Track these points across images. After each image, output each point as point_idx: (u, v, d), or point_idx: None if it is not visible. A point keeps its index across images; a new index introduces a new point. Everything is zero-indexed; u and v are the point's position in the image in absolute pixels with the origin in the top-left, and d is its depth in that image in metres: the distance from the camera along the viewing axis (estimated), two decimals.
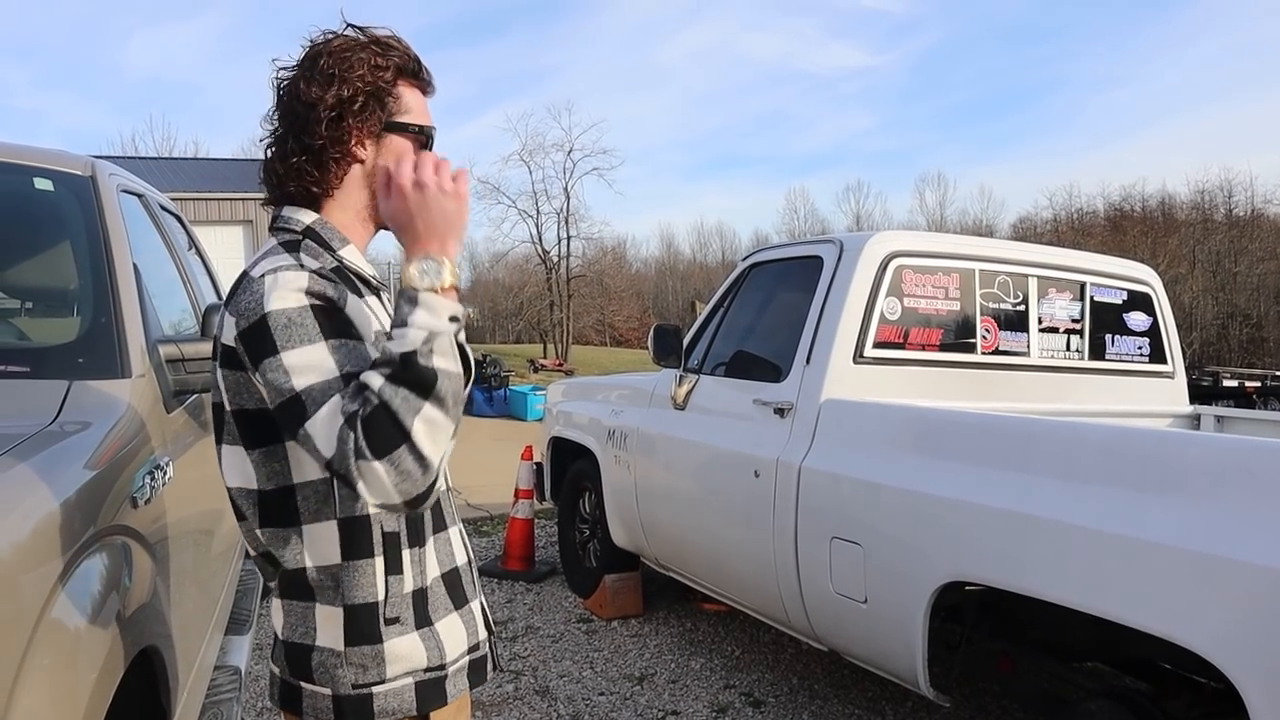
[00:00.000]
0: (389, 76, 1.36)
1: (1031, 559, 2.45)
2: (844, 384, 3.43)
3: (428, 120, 1.43)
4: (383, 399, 1.13)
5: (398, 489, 1.13)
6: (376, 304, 1.39)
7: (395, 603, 1.33)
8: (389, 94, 1.37)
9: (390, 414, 1.12)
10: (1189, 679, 2.56)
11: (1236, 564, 1.99)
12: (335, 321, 1.23)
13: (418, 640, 1.35)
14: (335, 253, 1.36)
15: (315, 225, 1.37)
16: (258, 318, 1.21)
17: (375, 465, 1.12)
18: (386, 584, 1.32)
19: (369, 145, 1.37)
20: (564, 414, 5.60)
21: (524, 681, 4.05)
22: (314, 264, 1.29)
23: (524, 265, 35.76)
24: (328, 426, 1.15)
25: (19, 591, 1.22)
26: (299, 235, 1.35)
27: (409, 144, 1.39)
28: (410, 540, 1.36)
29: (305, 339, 1.20)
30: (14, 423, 1.63)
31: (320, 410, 1.17)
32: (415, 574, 1.36)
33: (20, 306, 2.35)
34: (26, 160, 2.34)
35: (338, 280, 1.28)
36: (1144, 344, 4.32)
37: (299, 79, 1.34)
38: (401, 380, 1.14)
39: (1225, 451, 2.23)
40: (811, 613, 3.34)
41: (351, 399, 1.16)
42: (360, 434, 1.12)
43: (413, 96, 1.41)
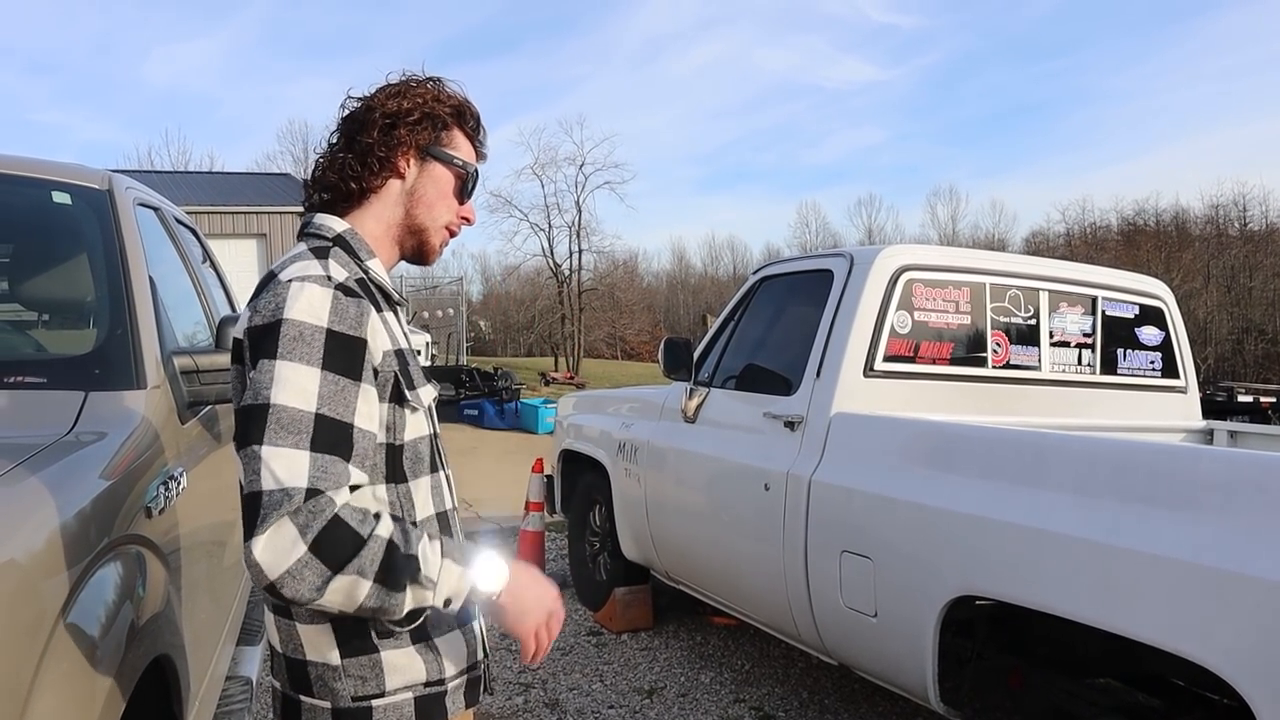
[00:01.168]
0: (447, 111, 1.44)
1: (1043, 573, 2.44)
2: (854, 398, 3.43)
3: (474, 162, 1.49)
4: (373, 535, 1.17)
5: (275, 570, 1.13)
6: (393, 319, 1.40)
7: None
8: (443, 124, 1.44)
9: (356, 546, 1.15)
10: (1201, 695, 2.54)
11: (1249, 580, 1.97)
12: (344, 356, 1.23)
13: (415, 654, 1.35)
14: (363, 263, 1.38)
15: (346, 234, 1.40)
16: (273, 320, 1.22)
17: (295, 549, 1.13)
18: None
19: (413, 162, 1.43)
20: (575, 427, 5.61)
21: (533, 694, 4.04)
22: (341, 273, 1.30)
23: (536, 278, 35.94)
24: (286, 471, 1.15)
25: (34, 599, 1.24)
26: (329, 242, 1.37)
27: (451, 178, 1.46)
28: None
29: (306, 359, 1.20)
30: (31, 433, 1.65)
31: (283, 449, 1.16)
32: None
33: (38, 318, 2.38)
34: (44, 174, 2.37)
35: (361, 294, 1.29)
36: (1156, 359, 4.31)
37: (368, 96, 1.44)
38: (393, 564, 1.17)
39: (1238, 466, 2.21)
40: (821, 627, 3.33)
41: (335, 485, 1.17)
42: (317, 526, 1.13)
43: (464, 143, 1.48)
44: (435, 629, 1.37)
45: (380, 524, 1.19)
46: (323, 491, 1.15)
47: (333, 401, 1.20)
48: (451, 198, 1.47)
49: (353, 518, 1.17)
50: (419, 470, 1.38)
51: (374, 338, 1.28)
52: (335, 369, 1.22)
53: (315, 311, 1.22)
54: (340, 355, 1.23)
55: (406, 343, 1.42)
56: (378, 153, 1.39)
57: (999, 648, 2.94)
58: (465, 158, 1.47)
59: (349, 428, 1.22)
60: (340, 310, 1.24)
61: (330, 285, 1.26)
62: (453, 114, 1.46)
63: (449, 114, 1.45)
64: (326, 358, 1.21)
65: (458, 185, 1.47)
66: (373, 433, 1.27)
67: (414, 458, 1.37)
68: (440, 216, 1.46)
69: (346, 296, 1.26)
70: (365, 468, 1.25)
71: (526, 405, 15.22)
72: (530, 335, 39.93)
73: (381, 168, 1.40)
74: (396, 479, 1.35)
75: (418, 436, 1.38)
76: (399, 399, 1.33)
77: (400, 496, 1.35)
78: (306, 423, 1.17)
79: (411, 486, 1.36)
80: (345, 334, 1.24)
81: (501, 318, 47.11)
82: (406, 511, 1.35)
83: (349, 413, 1.22)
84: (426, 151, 1.44)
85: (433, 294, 30.27)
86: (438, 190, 1.45)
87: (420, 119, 1.41)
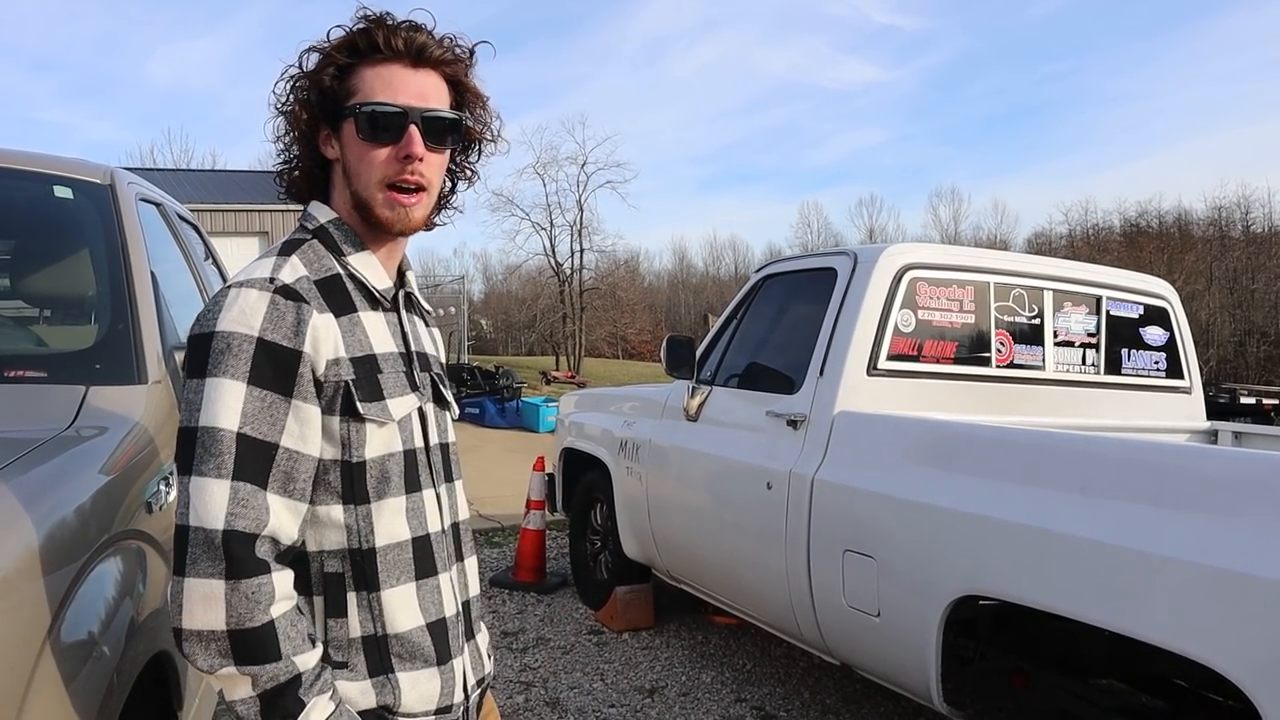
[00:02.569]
0: (332, 70, 1.24)
1: (1047, 573, 2.43)
2: (857, 396, 3.42)
3: (380, 95, 1.23)
4: (289, 661, 1.10)
5: (187, 621, 1.08)
6: (379, 321, 1.27)
7: (340, 647, 1.20)
8: (334, 85, 1.24)
9: (268, 658, 1.09)
10: (1206, 696, 2.53)
11: (1255, 580, 1.96)
12: (274, 369, 1.13)
13: (369, 687, 1.21)
14: (344, 258, 1.26)
15: (330, 225, 1.28)
16: (207, 331, 1.13)
17: (214, 618, 1.08)
18: (326, 625, 1.20)
19: (334, 142, 1.27)
20: (576, 425, 5.60)
21: (534, 693, 4.03)
22: (295, 273, 1.19)
23: (537, 278, 35.90)
24: (204, 507, 1.09)
25: (33, 595, 1.23)
26: (308, 235, 1.27)
27: (354, 128, 1.24)
28: (358, 583, 1.21)
29: (232, 372, 1.11)
30: (31, 427, 1.64)
31: (206, 480, 1.09)
32: (364, 619, 1.21)
33: (41, 314, 2.37)
34: (47, 168, 2.36)
35: (308, 298, 1.18)
36: (1160, 359, 4.29)
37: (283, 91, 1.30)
38: (282, 696, 1.09)
39: (1244, 466, 2.20)
40: (824, 626, 3.32)
41: (255, 523, 1.10)
42: (249, 620, 1.08)
43: (377, 74, 1.24)
44: (402, 663, 1.23)
45: (305, 655, 1.12)
46: (243, 534, 1.09)
47: (257, 420, 1.11)
48: (370, 150, 1.23)
49: (286, 633, 1.11)
50: (385, 491, 1.23)
51: (318, 346, 1.17)
52: (262, 384, 1.12)
53: (247, 319, 1.13)
54: (269, 368, 1.13)
55: (400, 346, 1.29)
56: (305, 162, 1.29)
57: (1002, 648, 2.93)
58: (371, 92, 1.23)
59: (273, 449, 1.12)
60: (276, 316, 1.14)
61: (269, 289, 1.15)
62: (342, 66, 1.23)
63: (335, 72, 1.23)
64: (253, 371, 1.12)
65: (366, 131, 1.23)
66: (308, 455, 1.16)
67: (379, 477, 1.22)
68: (369, 179, 1.24)
69: (286, 300, 1.15)
70: (296, 493, 1.15)
71: (528, 404, 15.21)
72: (532, 334, 39.90)
73: (315, 163, 1.29)
74: (355, 500, 1.21)
75: (385, 454, 1.23)
76: (352, 412, 1.19)
77: (358, 519, 1.21)
78: (229, 444, 1.10)
79: (374, 509, 1.22)
80: (277, 344, 1.13)
81: (503, 317, 47.12)
82: (364, 536, 1.21)
83: (275, 432, 1.13)
84: (335, 120, 1.25)
85: (434, 292, 30.25)
86: (355, 153, 1.24)
87: (305, 101, 1.25)
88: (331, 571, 1.21)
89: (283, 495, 1.14)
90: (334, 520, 1.20)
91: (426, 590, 1.27)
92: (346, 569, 1.21)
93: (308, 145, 1.28)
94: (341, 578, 1.21)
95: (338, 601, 1.20)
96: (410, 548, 1.25)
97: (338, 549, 1.21)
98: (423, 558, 1.27)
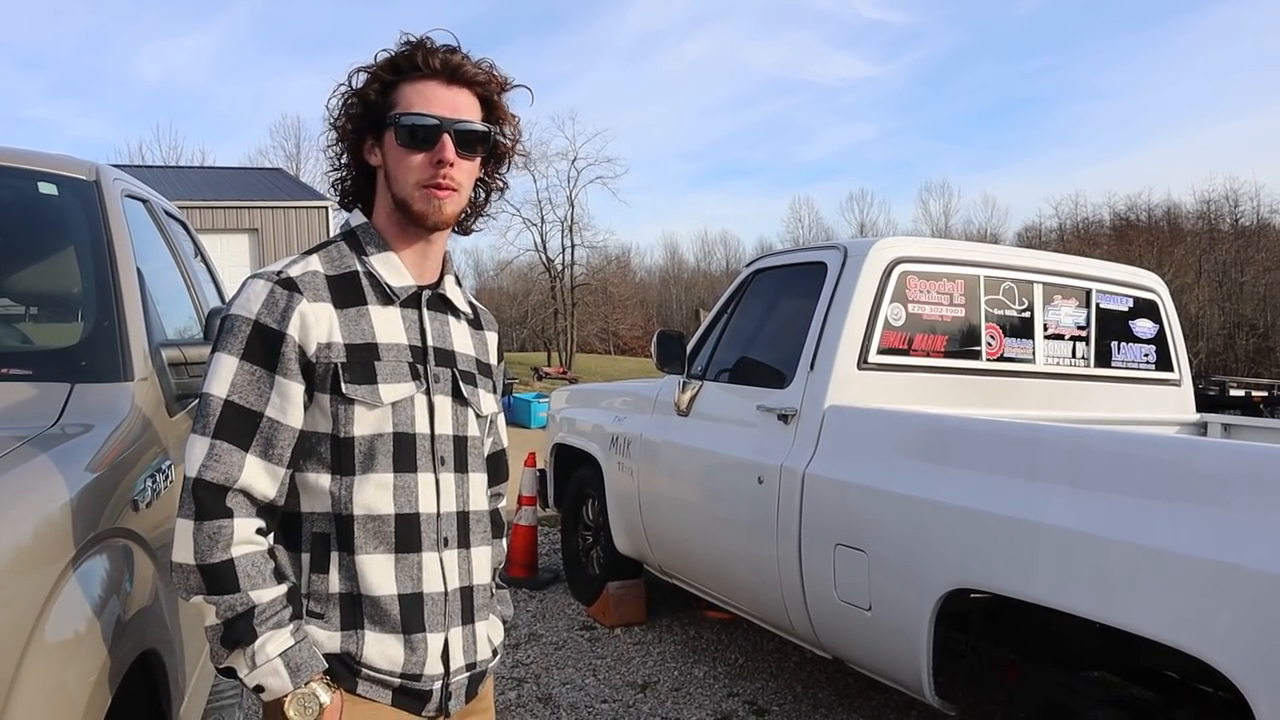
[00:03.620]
0: (377, 86, 1.41)
1: (1037, 566, 2.44)
2: (848, 390, 3.41)
3: (419, 108, 1.39)
4: (246, 595, 1.28)
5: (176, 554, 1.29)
6: (392, 315, 1.42)
7: (320, 599, 1.36)
8: (381, 101, 1.41)
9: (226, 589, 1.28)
10: (1197, 688, 2.54)
11: (1245, 571, 1.97)
12: (262, 348, 1.31)
13: (338, 636, 1.36)
14: (365, 257, 1.43)
15: (358, 228, 1.46)
16: (225, 314, 1.34)
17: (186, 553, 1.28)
18: (310, 579, 1.36)
19: (375, 149, 1.43)
20: (567, 421, 5.59)
21: (526, 689, 4.03)
22: (310, 268, 1.38)
23: (528, 273, 35.88)
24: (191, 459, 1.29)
25: (17, 593, 1.22)
26: (340, 237, 1.45)
27: (394, 137, 1.40)
28: (340, 545, 1.36)
29: (231, 348, 1.31)
30: (15, 425, 1.63)
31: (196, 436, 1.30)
32: (343, 578, 1.36)
33: (25, 311, 2.35)
34: (31, 164, 2.34)
35: (325, 288, 1.37)
36: (1150, 351, 4.30)
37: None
38: (238, 625, 1.28)
39: (1233, 458, 2.21)
40: (815, 620, 3.32)
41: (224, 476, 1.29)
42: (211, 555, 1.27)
43: (416, 90, 1.40)
44: (372, 624, 1.36)
45: (263, 591, 1.29)
46: (210, 483, 1.27)
47: (244, 390, 1.30)
48: (408, 156, 1.39)
49: (246, 572, 1.28)
50: (371, 466, 1.36)
51: (306, 330, 1.33)
52: (253, 359, 1.31)
53: (249, 305, 1.32)
54: (259, 346, 1.31)
55: (417, 339, 1.42)
56: (351, 162, 1.46)
57: (994, 641, 2.94)
58: (409, 104, 1.39)
59: (257, 416, 1.31)
60: (271, 303, 1.32)
61: (273, 280, 1.34)
62: (388, 83, 1.41)
63: (380, 89, 1.41)
64: (246, 348, 1.31)
65: (405, 138, 1.39)
66: (288, 425, 1.33)
67: (366, 453, 1.36)
68: (407, 181, 1.40)
69: (282, 289, 1.33)
70: (274, 458, 1.32)
71: (519, 400, 15.20)
72: (523, 330, 39.91)
73: (360, 172, 1.46)
74: (342, 471, 1.36)
75: (374, 433, 1.36)
76: (339, 391, 1.34)
77: (342, 488, 1.36)
78: (215, 408, 1.29)
79: (356, 481, 1.35)
80: (268, 326, 1.31)
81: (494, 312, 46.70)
82: (344, 504, 1.35)
83: (260, 402, 1.31)
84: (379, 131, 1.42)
85: None
86: (394, 159, 1.41)
87: (351, 116, 1.42)
88: (318, 532, 1.37)
89: (262, 458, 1.31)
90: (321, 487, 1.36)
91: (405, 564, 1.38)
92: (331, 531, 1.36)
93: (354, 155, 1.45)
94: (326, 538, 1.36)
95: (321, 559, 1.36)
96: (393, 522, 1.37)
97: (324, 512, 1.36)
98: (407, 534, 1.39)
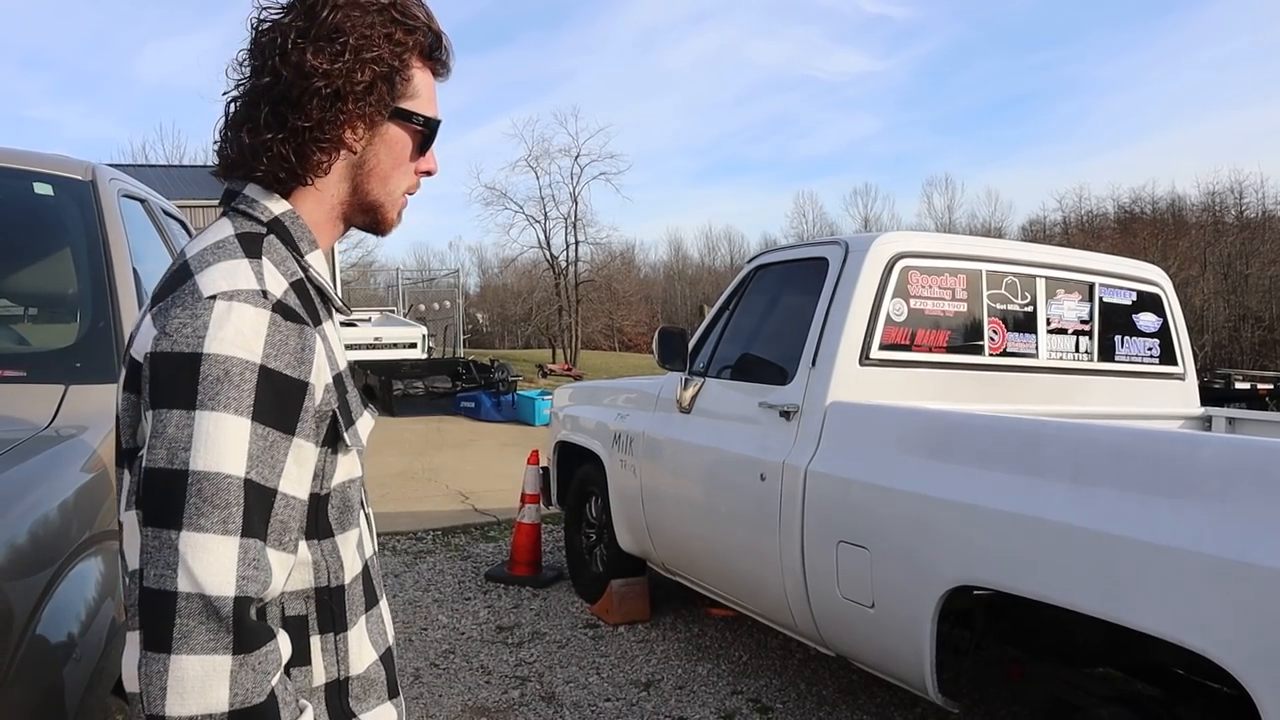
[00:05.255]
0: (407, 56, 1.10)
1: (1041, 563, 2.42)
2: (850, 386, 3.40)
3: (434, 111, 1.15)
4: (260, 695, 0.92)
5: (182, 707, 0.89)
6: (333, 331, 1.11)
7: (302, 697, 1.05)
8: (402, 75, 1.10)
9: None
10: (1202, 684, 2.52)
11: (1250, 567, 1.95)
12: (279, 404, 0.96)
13: None
14: (302, 258, 1.09)
15: (285, 219, 1.08)
16: (190, 351, 0.93)
17: (216, 700, 0.89)
18: (288, 675, 1.05)
19: (362, 131, 1.10)
20: (570, 418, 5.58)
21: (530, 688, 4.02)
22: (279, 283, 1.02)
23: (532, 270, 35.84)
24: (209, 571, 0.90)
25: (11, 593, 1.21)
26: (264, 228, 1.07)
27: (409, 139, 1.13)
28: (323, 625, 1.08)
29: (232, 406, 0.93)
30: (9, 427, 1.62)
31: (209, 537, 0.90)
32: (329, 664, 1.09)
33: (24, 311, 2.35)
34: (27, 165, 2.34)
35: (303, 315, 1.02)
36: (1154, 345, 4.28)
37: (292, 33, 1.04)
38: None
39: (1238, 453, 2.19)
40: (819, 618, 3.31)
41: (263, 587, 0.94)
42: (255, 695, 0.91)
43: (424, 80, 1.14)
44: (360, 704, 1.12)
45: (302, 717, 0.99)
46: (252, 600, 0.93)
47: (260, 463, 0.94)
48: (408, 161, 1.15)
49: (284, 699, 0.95)
50: (347, 521, 1.10)
51: (320, 374, 1.02)
52: (266, 420, 0.95)
53: (247, 343, 0.94)
54: (274, 403, 0.96)
55: (344, 362, 1.13)
56: (318, 136, 1.06)
57: (997, 638, 2.92)
58: (426, 102, 1.14)
59: (272, 495, 0.96)
60: (279, 341, 0.97)
61: (266, 305, 0.97)
62: (414, 53, 1.11)
63: (408, 58, 1.10)
64: (258, 405, 0.94)
65: (417, 144, 1.15)
66: (301, 500, 1.01)
67: (341, 506, 1.09)
68: (398, 186, 1.15)
69: (287, 321, 0.98)
70: (288, 545, 0.99)
71: (523, 397, 15.18)
72: (528, 327, 39.91)
73: (323, 153, 1.07)
74: (320, 534, 1.07)
75: (347, 480, 1.10)
76: (332, 441, 1.06)
77: (325, 555, 1.07)
78: (235, 493, 0.92)
79: (339, 541, 1.09)
80: (283, 374, 0.96)
81: (499, 310, 47.06)
82: (333, 572, 1.08)
83: (275, 476, 0.96)
84: (383, 118, 1.11)
85: (430, 286, 30.20)
86: (393, 158, 1.13)
87: (373, 84, 1.07)
88: (293, 615, 1.06)
89: (277, 549, 0.98)
90: (300, 558, 1.05)
91: (374, 621, 1.17)
92: (310, 610, 1.07)
93: (330, 141, 1.07)
94: (305, 621, 1.07)
95: (301, 648, 1.06)
96: (361, 579, 1.14)
97: (302, 589, 1.06)
98: (368, 587, 1.16)
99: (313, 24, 1.04)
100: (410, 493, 8.50)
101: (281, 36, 1.05)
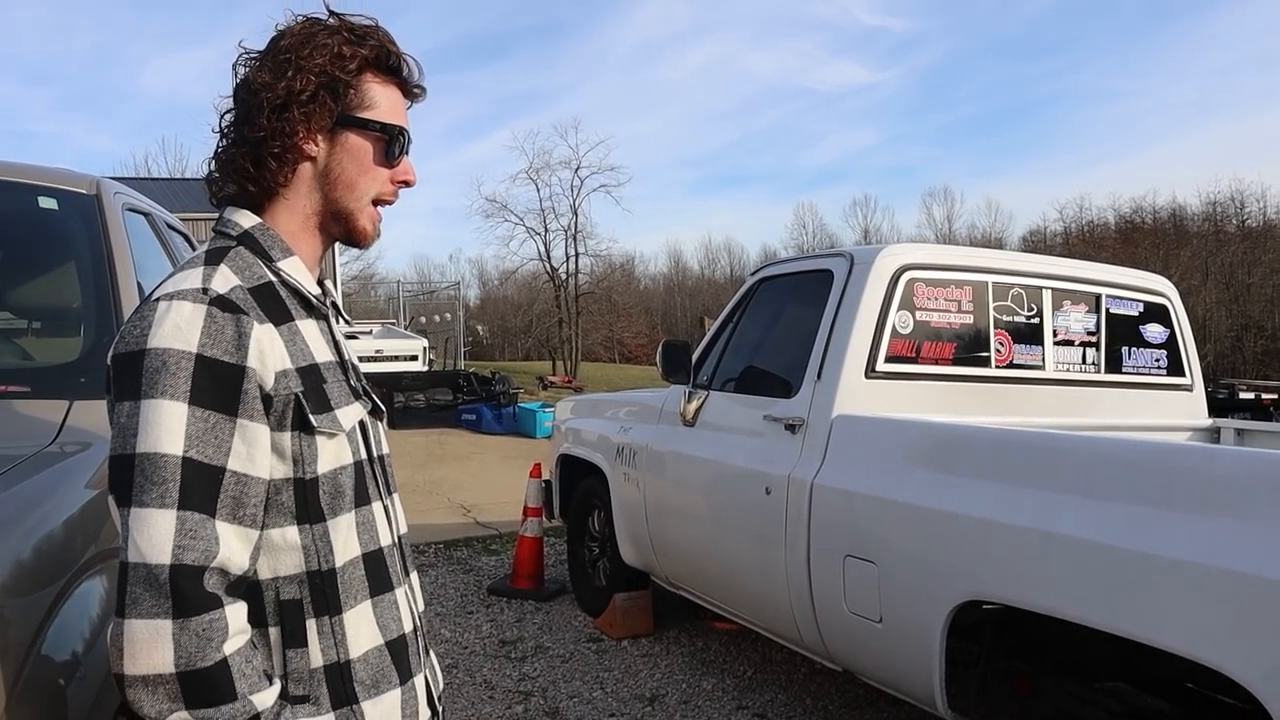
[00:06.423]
0: (352, 66, 1.20)
1: (1051, 577, 2.40)
2: (856, 399, 3.38)
3: (398, 120, 1.25)
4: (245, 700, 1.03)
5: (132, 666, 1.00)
6: (314, 329, 1.21)
7: (301, 679, 1.13)
8: (348, 85, 1.20)
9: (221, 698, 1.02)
10: (1214, 699, 2.49)
11: (1264, 581, 1.93)
12: (216, 387, 1.05)
13: (331, 718, 1.14)
14: (273, 264, 1.19)
15: (254, 230, 1.19)
16: (136, 349, 1.05)
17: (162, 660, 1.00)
18: (285, 657, 1.12)
19: (320, 141, 1.20)
20: (573, 431, 5.56)
21: (533, 702, 4.00)
22: (229, 282, 1.11)
23: (532, 282, 35.88)
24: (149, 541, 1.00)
25: (16, 611, 1.20)
26: (233, 241, 1.18)
27: (369, 145, 1.23)
28: (318, 609, 1.14)
29: (171, 392, 1.03)
30: (12, 443, 1.61)
31: (148, 511, 1.01)
32: (327, 646, 1.14)
33: (28, 326, 2.34)
34: (30, 179, 2.33)
35: (245, 308, 1.10)
36: (1161, 356, 4.27)
37: (253, 64, 1.19)
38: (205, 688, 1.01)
39: (1252, 466, 2.17)
40: (825, 632, 3.29)
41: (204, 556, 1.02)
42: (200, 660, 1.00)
43: (384, 94, 1.24)
44: (366, 690, 1.18)
45: (263, 693, 1.05)
46: (191, 567, 1.01)
47: (201, 442, 1.04)
48: (376, 167, 1.24)
49: (241, 671, 1.03)
50: (339, 507, 1.17)
51: (264, 359, 1.10)
52: (204, 403, 1.04)
53: (183, 335, 1.05)
54: (211, 386, 1.05)
55: (335, 354, 1.23)
56: (271, 146, 1.17)
57: (1006, 652, 2.90)
58: (386, 112, 1.23)
59: (219, 473, 1.05)
60: (214, 330, 1.06)
61: (204, 300, 1.08)
62: (360, 66, 1.21)
63: (354, 69, 1.20)
64: (194, 390, 1.04)
65: (380, 151, 1.23)
66: (257, 477, 1.08)
67: (332, 492, 1.16)
68: (365, 193, 1.24)
69: (224, 313, 1.08)
70: (246, 519, 1.07)
71: (524, 409, 15.17)
72: (528, 339, 39.91)
73: (280, 162, 1.18)
74: (311, 519, 1.14)
75: (336, 467, 1.17)
76: (303, 425, 1.13)
77: (315, 539, 1.14)
78: (173, 470, 1.02)
79: (330, 526, 1.16)
80: (218, 360, 1.06)
81: (499, 322, 47.13)
82: (323, 556, 1.15)
83: (221, 455, 1.05)
84: (333, 125, 1.20)
85: (430, 299, 30.24)
86: (357, 165, 1.23)
87: (315, 92, 1.17)
88: (288, 598, 1.13)
89: (231, 522, 1.06)
90: (289, 543, 1.13)
91: (383, 607, 1.23)
92: (305, 594, 1.14)
93: (287, 135, 1.18)
94: (299, 604, 1.13)
95: (296, 630, 1.13)
96: (363, 564, 1.20)
97: (294, 573, 1.13)
98: (377, 573, 1.23)
99: (268, 52, 1.20)
100: (412, 506, 8.47)
101: (245, 69, 1.20)
